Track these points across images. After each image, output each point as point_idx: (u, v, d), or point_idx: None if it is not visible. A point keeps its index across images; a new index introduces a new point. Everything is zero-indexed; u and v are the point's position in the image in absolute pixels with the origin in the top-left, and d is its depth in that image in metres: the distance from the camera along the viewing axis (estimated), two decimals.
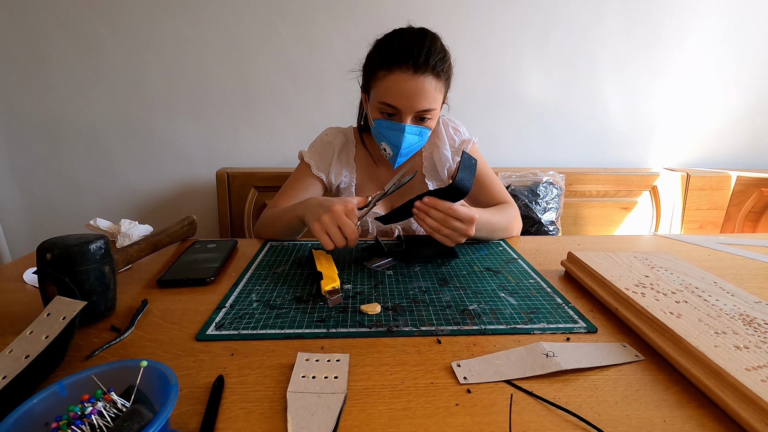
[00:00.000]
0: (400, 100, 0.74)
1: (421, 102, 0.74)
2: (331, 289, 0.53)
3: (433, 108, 0.76)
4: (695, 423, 0.33)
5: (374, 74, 0.76)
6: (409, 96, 0.73)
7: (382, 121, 0.78)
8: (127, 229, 0.73)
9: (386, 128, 0.78)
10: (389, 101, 0.75)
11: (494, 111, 1.63)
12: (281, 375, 0.39)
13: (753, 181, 1.54)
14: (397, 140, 0.78)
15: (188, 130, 1.56)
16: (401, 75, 0.72)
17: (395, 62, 0.72)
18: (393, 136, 0.78)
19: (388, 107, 0.76)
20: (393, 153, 0.80)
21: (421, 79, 0.72)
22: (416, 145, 0.81)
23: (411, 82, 0.72)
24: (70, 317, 0.40)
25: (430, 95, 0.74)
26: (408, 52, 0.72)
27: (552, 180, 1.42)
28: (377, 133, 0.81)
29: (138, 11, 1.43)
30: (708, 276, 0.56)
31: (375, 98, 0.77)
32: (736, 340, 0.39)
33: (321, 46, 1.51)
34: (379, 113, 0.78)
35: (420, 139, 0.80)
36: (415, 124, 0.78)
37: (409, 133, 0.77)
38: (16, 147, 1.52)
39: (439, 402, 0.35)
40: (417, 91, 0.73)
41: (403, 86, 0.73)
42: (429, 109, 0.75)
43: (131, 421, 0.26)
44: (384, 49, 0.76)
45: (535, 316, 0.50)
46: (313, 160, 0.91)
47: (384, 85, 0.75)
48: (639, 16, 1.55)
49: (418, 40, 0.74)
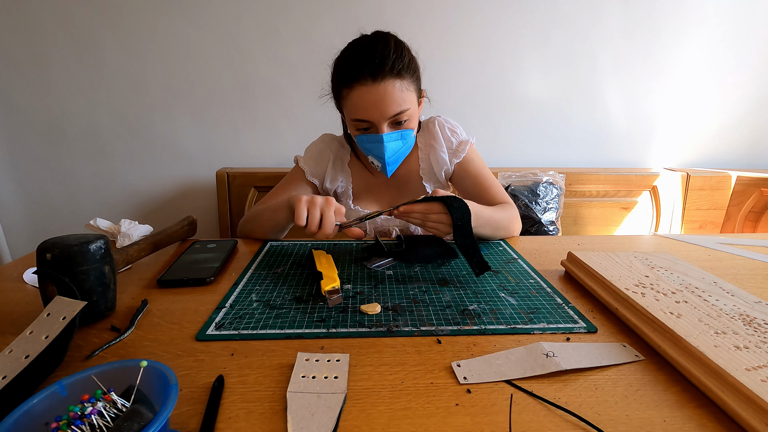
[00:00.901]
0: (369, 111, 0.74)
1: (389, 107, 0.73)
2: (331, 289, 0.53)
3: (406, 108, 0.75)
4: (695, 423, 0.33)
5: (339, 95, 0.77)
6: (376, 105, 0.73)
7: (362, 136, 0.78)
8: (127, 229, 0.73)
9: (367, 142, 0.78)
10: (359, 116, 0.75)
11: (494, 111, 1.63)
12: (281, 375, 0.39)
13: (753, 181, 1.54)
14: (380, 151, 0.78)
15: (188, 130, 1.56)
16: (362, 88, 0.72)
17: (353, 77, 0.72)
18: (375, 148, 0.78)
19: (361, 122, 0.76)
20: (381, 164, 0.81)
21: (382, 86, 0.72)
22: (403, 150, 0.81)
23: (373, 91, 0.72)
24: (70, 317, 0.40)
25: (397, 97, 0.73)
26: (362, 63, 0.72)
27: (552, 180, 1.42)
28: (362, 148, 0.81)
29: (138, 11, 1.43)
30: (708, 276, 0.56)
31: (348, 117, 0.78)
32: (736, 340, 0.39)
33: (321, 46, 1.51)
34: (356, 130, 0.78)
35: (404, 143, 0.80)
36: (393, 130, 0.77)
37: (390, 141, 0.77)
38: (16, 147, 1.52)
39: (439, 402, 0.35)
40: (381, 98, 0.72)
41: (366, 98, 0.72)
42: (401, 111, 0.75)
43: (131, 421, 0.26)
44: (341, 67, 0.76)
45: (535, 316, 0.50)
46: (308, 165, 0.91)
47: (350, 103, 0.75)
48: (639, 16, 1.55)
49: (370, 47, 0.73)
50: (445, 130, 0.92)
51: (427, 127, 0.93)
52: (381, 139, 0.76)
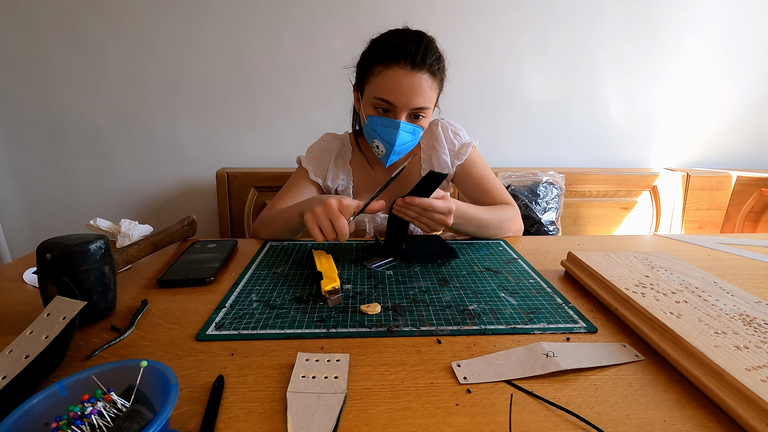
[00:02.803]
0: (397, 95, 0.74)
1: (417, 99, 0.74)
2: (331, 289, 0.53)
3: (428, 107, 0.77)
4: (695, 423, 0.33)
5: (370, 70, 0.76)
6: (406, 92, 0.73)
7: (376, 118, 0.78)
8: (127, 229, 0.73)
9: (380, 125, 0.78)
10: (385, 96, 0.75)
11: (494, 111, 1.63)
12: (281, 375, 0.39)
13: (753, 181, 1.54)
14: (392, 137, 0.77)
15: (188, 130, 1.56)
16: (399, 70, 0.72)
17: (393, 57, 0.73)
18: (387, 133, 0.78)
19: (384, 103, 0.75)
20: (386, 150, 0.80)
21: (418, 76, 0.73)
22: (409, 144, 0.81)
23: (408, 78, 0.73)
24: (70, 317, 0.40)
25: (426, 93, 0.75)
26: (406, 48, 0.72)
27: (552, 180, 1.42)
28: (370, 130, 0.80)
29: (138, 11, 1.43)
30: (708, 276, 0.56)
31: (370, 94, 0.77)
32: (736, 340, 0.39)
33: (321, 46, 1.51)
34: (374, 109, 0.78)
35: (413, 138, 0.80)
36: (409, 122, 0.77)
37: (404, 131, 0.77)
38: (16, 147, 1.52)
39: (439, 402, 0.35)
40: (414, 87, 0.73)
41: (400, 82, 0.73)
42: (424, 107, 0.76)
43: (131, 421, 0.26)
44: (382, 45, 0.76)
45: (535, 316, 0.50)
46: (310, 165, 0.91)
47: (380, 81, 0.74)
48: (639, 16, 1.55)
49: (416, 39, 0.74)
50: (448, 132, 0.92)
51: (430, 129, 0.93)
52: (398, 125, 0.76)
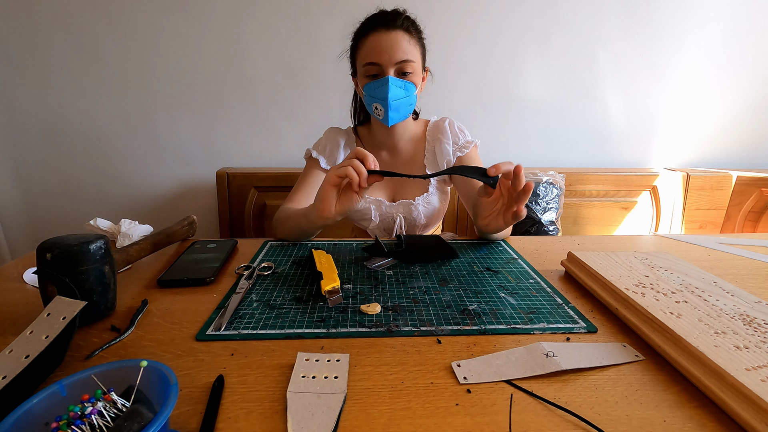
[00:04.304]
0: (379, 54, 0.81)
1: (397, 53, 0.81)
2: (331, 289, 0.53)
3: (411, 59, 0.82)
4: (695, 423, 0.33)
5: (356, 48, 0.86)
6: (386, 49, 0.81)
7: (370, 84, 0.84)
8: (127, 229, 0.73)
9: (373, 88, 0.83)
10: (370, 59, 0.82)
11: (494, 111, 1.63)
12: (281, 375, 0.39)
13: (753, 181, 1.54)
14: (384, 92, 0.82)
15: (188, 130, 1.56)
16: (375, 35, 0.81)
17: (370, 27, 0.82)
18: (380, 91, 0.83)
19: (371, 66, 0.82)
20: (384, 108, 0.84)
21: (393, 34, 0.81)
22: (404, 99, 0.85)
23: (385, 36, 0.81)
24: (70, 317, 0.40)
25: (405, 47, 0.81)
26: (378, 17, 0.83)
27: (552, 180, 1.42)
28: (368, 98, 0.86)
29: (138, 11, 1.43)
30: (708, 276, 0.56)
31: (360, 66, 0.85)
32: (736, 340, 0.39)
33: (321, 46, 1.51)
34: (366, 78, 0.84)
35: (407, 94, 0.84)
36: (397, 77, 0.83)
37: (394, 85, 0.82)
38: (16, 147, 1.52)
39: (439, 402, 0.35)
40: (392, 43, 0.81)
41: (378, 42, 0.81)
42: (407, 60, 0.82)
43: (131, 421, 0.26)
44: (359, 27, 0.86)
45: (535, 316, 0.50)
46: (321, 155, 0.95)
47: (364, 49, 0.83)
48: (639, 16, 1.55)
49: (386, 11, 0.85)
50: (455, 127, 0.97)
51: (437, 124, 0.98)
52: (387, 81, 0.81)
